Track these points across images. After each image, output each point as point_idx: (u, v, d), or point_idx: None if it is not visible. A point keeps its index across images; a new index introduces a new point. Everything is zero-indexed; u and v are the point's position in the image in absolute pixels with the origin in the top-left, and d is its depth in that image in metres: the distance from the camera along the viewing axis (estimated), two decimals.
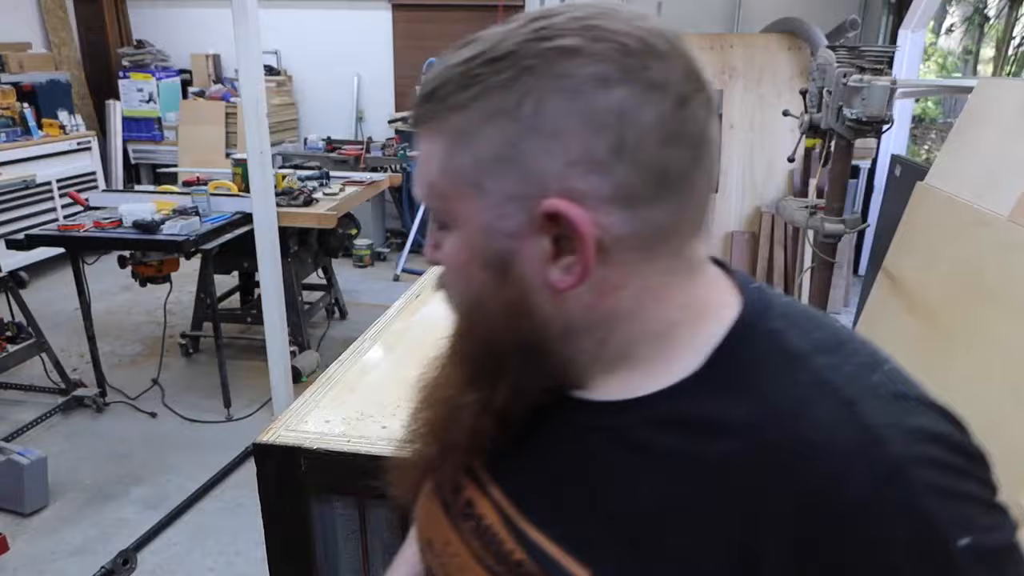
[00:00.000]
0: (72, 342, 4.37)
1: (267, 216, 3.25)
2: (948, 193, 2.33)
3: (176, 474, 3.06)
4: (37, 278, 5.50)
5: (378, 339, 1.62)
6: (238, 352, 4.30)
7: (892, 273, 2.55)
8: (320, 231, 4.17)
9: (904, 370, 0.54)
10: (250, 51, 2.97)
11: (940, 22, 7.13)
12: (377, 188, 4.46)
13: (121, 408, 3.61)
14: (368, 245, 6.10)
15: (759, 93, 5.31)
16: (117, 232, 3.30)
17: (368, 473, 1.16)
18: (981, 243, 2.07)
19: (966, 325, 2.04)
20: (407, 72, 6.61)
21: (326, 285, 4.71)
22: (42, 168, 5.34)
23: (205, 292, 3.69)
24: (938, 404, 0.53)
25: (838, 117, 2.79)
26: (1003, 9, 6.46)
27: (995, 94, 2.33)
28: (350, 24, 6.62)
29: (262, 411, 3.59)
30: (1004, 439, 1.74)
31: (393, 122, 6.43)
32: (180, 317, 4.55)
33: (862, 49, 2.76)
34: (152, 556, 2.57)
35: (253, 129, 3.07)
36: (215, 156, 6.18)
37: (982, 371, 1.90)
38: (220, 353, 3.54)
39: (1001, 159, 2.13)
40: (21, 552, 2.58)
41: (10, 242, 3.35)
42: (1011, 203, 1.98)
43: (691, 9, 6.02)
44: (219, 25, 6.69)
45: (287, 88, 6.74)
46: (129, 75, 6.54)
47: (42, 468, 2.82)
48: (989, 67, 6.95)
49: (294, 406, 1.30)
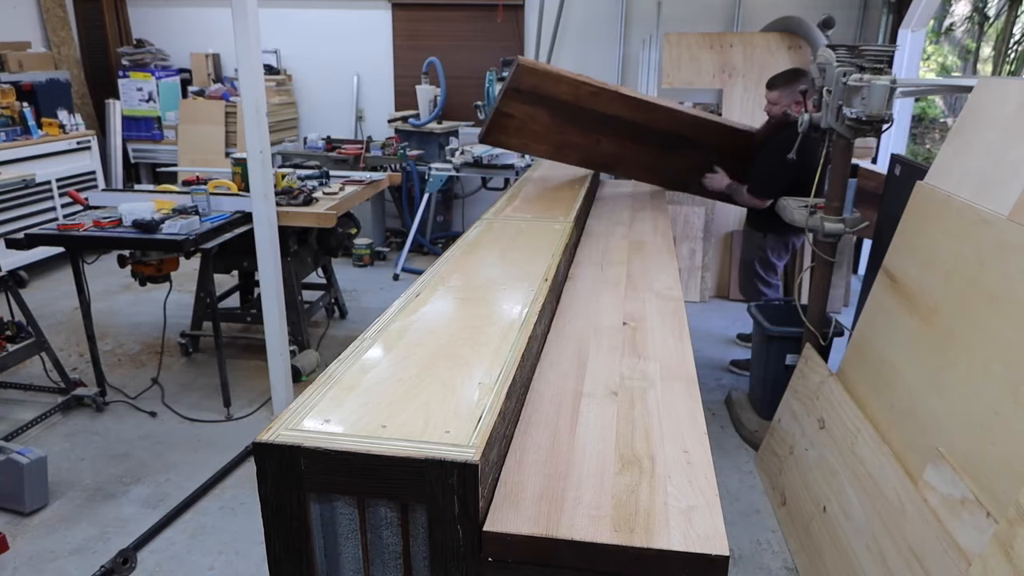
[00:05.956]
0: (72, 341, 4.37)
1: (267, 215, 3.25)
2: (948, 193, 2.33)
3: (176, 473, 3.06)
4: (37, 277, 5.50)
5: (378, 339, 1.62)
6: (238, 351, 4.30)
7: (892, 273, 2.55)
8: (320, 230, 4.17)
9: None
10: (250, 51, 2.97)
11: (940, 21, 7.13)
12: (377, 188, 4.47)
13: (121, 407, 3.61)
14: (368, 244, 6.10)
15: (759, 92, 5.31)
16: (117, 231, 3.30)
17: (368, 473, 1.17)
18: (981, 243, 2.07)
19: (966, 325, 2.04)
20: (407, 72, 6.61)
21: (326, 284, 4.71)
22: (42, 167, 5.34)
23: (205, 291, 3.69)
24: None
25: (838, 116, 2.80)
26: (1003, 8, 6.45)
27: (995, 93, 2.33)
28: (350, 24, 6.62)
29: (262, 410, 3.60)
30: (1004, 439, 1.74)
31: (393, 121, 6.43)
32: (180, 317, 4.55)
33: (862, 48, 2.76)
34: (152, 555, 2.57)
35: (253, 128, 3.08)
36: (215, 155, 6.18)
37: (982, 371, 1.90)
38: (220, 352, 3.54)
39: (1001, 159, 2.13)
40: (21, 551, 2.58)
41: (10, 241, 3.35)
42: (1011, 203, 1.98)
43: (691, 9, 6.02)
44: (219, 25, 6.70)
45: (287, 88, 6.74)
46: (129, 74, 6.54)
47: (42, 467, 2.82)
48: (989, 66, 6.95)
49: (294, 405, 1.30)
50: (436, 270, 2.15)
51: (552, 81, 3.19)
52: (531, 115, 3.28)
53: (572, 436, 1.48)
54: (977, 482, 1.78)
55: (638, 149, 3.59)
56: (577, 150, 3.52)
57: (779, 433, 3.03)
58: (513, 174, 5.36)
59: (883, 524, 2.09)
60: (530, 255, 2.31)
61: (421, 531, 1.20)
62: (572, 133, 3.42)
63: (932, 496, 1.92)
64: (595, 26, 6.27)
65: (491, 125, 3.31)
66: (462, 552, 1.18)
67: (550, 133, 3.40)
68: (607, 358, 1.86)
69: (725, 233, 5.37)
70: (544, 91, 3.21)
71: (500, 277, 2.10)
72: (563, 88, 3.22)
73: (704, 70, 5.36)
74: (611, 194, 4.01)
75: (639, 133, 3.48)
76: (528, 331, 1.67)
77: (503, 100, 3.21)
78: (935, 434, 2.02)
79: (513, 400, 1.47)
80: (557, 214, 2.91)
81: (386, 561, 1.25)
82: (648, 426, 1.52)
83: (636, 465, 1.37)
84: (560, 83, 3.20)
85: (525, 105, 3.24)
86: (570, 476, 1.33)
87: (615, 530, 1.18)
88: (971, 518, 1.74)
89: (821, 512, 2.47)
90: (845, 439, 2.47)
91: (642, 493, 1.28)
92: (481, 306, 1.86)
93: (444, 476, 1.13)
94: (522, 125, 3.32)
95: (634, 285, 2.43)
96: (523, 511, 1.23)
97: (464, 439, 1.19)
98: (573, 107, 3.29)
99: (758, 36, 5.48)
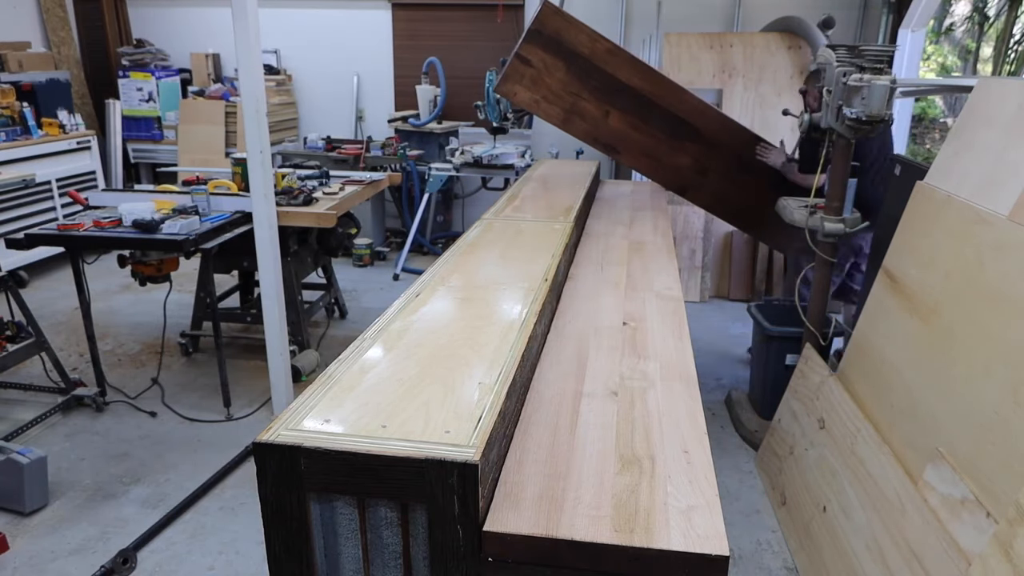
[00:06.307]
0: (72, 341, 4.37)
1: (267, 215, 3.25)
2: (948, 193, 2.33)
3: (176, 473, 3.06)
4: (37, 277, 5.50)
5: (378, 339, 1.62)
6: (238, 351, 4.30)
7: (892, 273, 2.55)
8: (320, 230, 4.17)
9: None
10: (250, 51, 2.97)
11: (940, 21, 7.13)
12: (377, 187, 4.47)
13: (121, 407, 3.61)
14: (368, 244, 6.11)
15: (759, 92, 5.31)
16: (117, 231, 3.30)
17: (368, 473, 1.17)
18: (981, 243, 2.07)
19: (966, 325, 2.04)
20: (407, 71, 6.61)
21: (326, 284, 4.71)
22: (42, 167, 5.34)
23: (205, 291, 3.69)
24: None
25: (838, 116, 2.80)
26: (1003, 8, 6.45)
27: (995, 93, 2.33)
28: (350, 24, 6.62)
29: (262, 410, 3.60)
30: (1004, 439, 1.74)
31: (393, 121, 6.43)
32: (180, 317, 4.55)
33: (862, 48, 2.76)
34: (152, 555, 2.57)
35: (253, 128, 3.08)
36: (215, 155, 6.18)
37: (982, 371, 1.90)
38: (220, 352, 3.54)
39: (1001, 159, 2.13)
40: (21, 551, 2.58)
41: (10, 241, 3.35)
42: (1011, 203, 1.98)
43: (691, 9, 6.02)
44: (219, 25, 6.70)
45: (287, 88, 6.74)
46: (129, 74, 6.54)
47: (42, 467, 2.82)
48: (989, 66, 6.95)
49: (294, 405, 1.30)
50: (436, 270, 2.15)
51: (573, 29, 3.29)
52: (548, 65, 3.33)
53: (572, 436, 1.48)
54: (977, 482, 1.78)
55: (645, 131, 3.58)
56: (587, 121, 3.53)
57: (779, 433, 3.03)
58: (513, 174, 5.36)
59: (883, 524, 2.09)
60: (530, 255, 2.31)
61: (421, 531, 1.20)
62: (585, 97, 3.44)
63: (932, 496, 1.92)
64: (595, 26, 6.19)
65: (508, 71, 3.33)
66: (462, 552, 1.18)
67: (564, 92, 3.42)
68: (607, 358, 1.86)
69: (725, 233, 5.37)
70: (564, 38, 3.29)
71: (500, 277, 2.10)
72: (582, 39, 3.30)
73: (704, 70, 5.36)
74: (611, 194, 4.01)
75: (648, 111, 3.50)
76: (528, 331, 1.67)
77: (524, 43, 3.28)
78: (935, 434, 2.02)
79: (513, 400, 1.47)
80: (557, 214, 2.91)
81: (386, 561, 1.25)
82: (648, 426, 1.52)
83: (636, 465, 1.37)
84: (580, 32, 3.29)
85: (544, 52, 3.31)
86: (570, 476, 1.33)
87: (615, 530, 1.18)
88: (971, 518, 1.74)
89: (821, 512, 2.47)
90: (845, 439, 2.47)
91: (642, 493, 1.28)
92: (481, 306, 1.86)
93: (444, 476, 1.13)
94: (538, 76, 3.35)
95: (634, 285, 2.43)
96: (523, 511, 1.23)
97: (464, 439, 1.19)
98: (588, 64, 3.36)
99: (758, 36, 5.48)
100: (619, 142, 3.62)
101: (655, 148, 3.66)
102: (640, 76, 3.42)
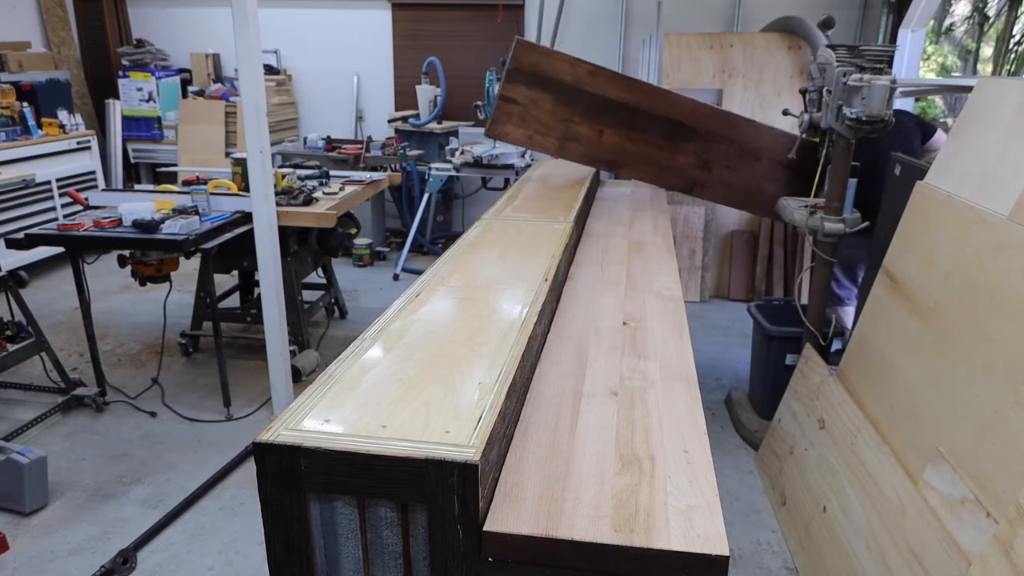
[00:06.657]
0: (72, 342, 4.37)
1: (267, 215, 3.25)
2: (948, 193, 2.33)
3: (176, 473, 3.06)
4: (37, 277, 5.50)
5: (378, 339, 1.62)
6: (238, 351, 4.30)
7: (892, 273, 2.55)
8: (320, 230, 4.17)
9: None
10: (250, 51, 2.97)
11: (940, 21, 7.13)
12: (377, 187, 4.47)
13: (121, 407, 3.61)
14: (368, 244, 6.11)
15: (759, 92, 5.31)
16: (117, 231, 3.30)
17: (368, 473, 1.17)
18: (981, 243, 2.07)
19: (966, 325, 2.04)
20: (407, 71, 6.61)
21: (326, 284, 4.71)
22: (42, 167, 5.35)
23: (205, 291, 3.69)
24: None
25: (838, 116, 2.80)
26: (1003, 8, 6.46)
27: (995, 93, 2.33)
28: (350, 24, 6.62)
29: (262, 410, 3.60)
30: (1004, 439, 1.74)
31: (393, 121, 6.43)
32: (180, 317, 4.55)
33: (862, 48, 2.76)
34: (152, 555, 2.57)
35: (253, 128, 3.08)
36: (215, 155, 6.18)
37: (982, 371, 1.90)
38: (220, 352, 3.54)
39: (1001, 159, 2.13)
40: (21, 551, 2.58)
41: (10, 241, 3.35)
42: (1011, 203, 1.98)
43: (691, 9, 6.02)
44: (219, 25, 6.70)
45: (287, 88, 6.74)
46: (129, 74, 6.54)
47: (42, 467, 2.82)
48: (989, 66, 6.95)
49: (294, 405, 1.30)
50: (436, 270, 2.15)
51: (550, 58, 3.29)
52: (534, 100, 3.33)
53: (572, 436, 1.48)
54: (977, 482, 1.78)
55: (640, 141, 3.58)
56: (582, 143, 3.54)
57: (779, 433, 3.03)
58: (513, 174, 5.36)
59: (883, 524, 2.09)
60: (530, 255, 2.31)
61: (421, 531, 1.20)
62: (576, 121, 3.45)
63: (932, 496, 1.92)
64: (595, 26, 6.27)
65: (496, 114, 3.35)
66: (462, 552, 1.18)
67: (555, 122, 3.43)
68: (607, 358, 1.86)
69: (725, 233, 5.37)
70: (543, 70, 3.29)
71: (500, 277, 2.10)
72: (562, 66, 3.30)
73: (704, 70, 5.36)
74: (611, 194, 4.01)
75: (640, 121, 3.50)
76: (528, 331, 1.67)
77: (505, 83, 3.29)
78: (935, 434, 2.02)
79: (513, 400, 1.47)
80: (557, 214, 2.91)
81: (386, 561, 1.25)
82: (648, 426, 1.52)
83: (636, 465, 1.37)
84: (558, 60, 3.29)
85: (527, 88, 3.31)
86: (570, 476, 1.33)
87: (615, 530, 1.18)
88: (971, 518, 1.74)
89: (821, 512, 2.47)
90: (845, 439, 2.47)
91: (642, 493, 1.28)
92: (481, 306, 1.86)
93: (444, 476, 1.13)
94: (526, 112, 3.36)
95: (634, 285, 2.43)
96: (523, 511, 1.23)
97: (464, 439, 1.19)
98: (574, 90, 3.36)
99: (758, 36, 5.48)
100: (617, 157, 3.63)
101: (655, 155, 3.66)
102: (626, 89, 3.43)
